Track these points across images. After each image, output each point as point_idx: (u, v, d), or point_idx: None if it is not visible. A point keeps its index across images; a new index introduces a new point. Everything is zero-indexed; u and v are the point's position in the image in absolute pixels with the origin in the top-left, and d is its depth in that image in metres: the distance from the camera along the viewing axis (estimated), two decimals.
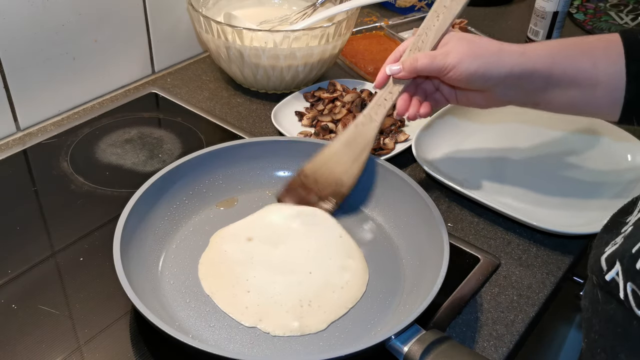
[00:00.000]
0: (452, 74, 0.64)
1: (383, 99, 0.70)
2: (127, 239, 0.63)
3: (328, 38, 0.92)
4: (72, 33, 0.89)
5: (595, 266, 0.52)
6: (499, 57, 0.64)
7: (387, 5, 1.29)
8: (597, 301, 0.52)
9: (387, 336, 0.55)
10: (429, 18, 0.69)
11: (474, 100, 0.69)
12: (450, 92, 0.71)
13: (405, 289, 0.65)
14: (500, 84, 0.64)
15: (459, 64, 0.64)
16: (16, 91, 0.86)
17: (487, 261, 0.71)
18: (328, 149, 0.72)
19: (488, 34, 1.17)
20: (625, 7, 1.35)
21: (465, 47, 0.65)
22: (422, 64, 0.66)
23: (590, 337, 0.53)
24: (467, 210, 0.79)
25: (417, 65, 0.66)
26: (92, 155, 0.85)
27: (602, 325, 0.51)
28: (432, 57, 0.65)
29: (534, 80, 0.63)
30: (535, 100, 0.66)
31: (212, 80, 1.03)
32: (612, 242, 0.52)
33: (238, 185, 0.77)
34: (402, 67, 0.67)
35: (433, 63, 0.65)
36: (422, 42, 0.69)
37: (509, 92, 0.65)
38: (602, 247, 0.53)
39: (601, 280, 0.51)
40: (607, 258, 0.51)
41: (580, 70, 0.62)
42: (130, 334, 0.61)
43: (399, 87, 0.69)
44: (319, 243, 0.69)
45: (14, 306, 0.63)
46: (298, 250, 0.68)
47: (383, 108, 0.70)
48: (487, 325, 0.64)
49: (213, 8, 1.03)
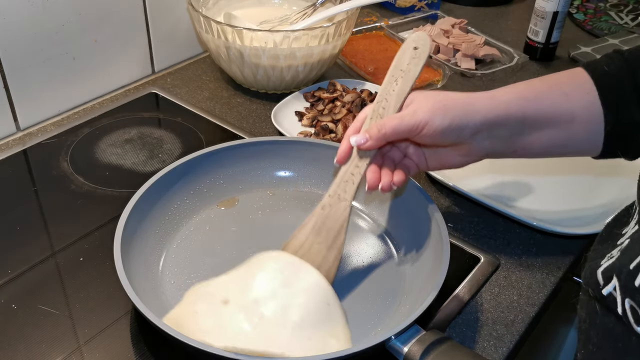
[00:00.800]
0: (426, 131, 0.59)
1: (350, 174, 0.63)
2: (128, 239, 0.63)
3: (328, 38, 0.92)
4: (72, 33, 0.89)
5: (591, 279, 0.51)
6: (471, 105, 0.60)
7: (387, 5, 1.29)
8: (595, 312, 0.51)
9: (387, 336, 0.55)
10: (387, 83, 0.65)
11: (448, 159, 0.64)
12: (419, 156, 0.65)
13: (405, 289, 0.65)
14: (475, 135, 0.60)
15: (431, 119, 0.59)
16: (16, 91, 0.86)
17: (487, 261, 0.71)
18: (293, 241, 0.64)
19: (488, 34, 1.18)
20: (625, 7, 1.35)
21: (433, 101, 0.60)
22: (391, 128, 0.60)
23: (587, 349, 0.52)
24: (467, 210, 0.79)
25: (385, 131, 0.60)
26: (92, 155, 0.85)
27: (600, 338, 0.51)
28: (399, 118, 0.60)
29: (510, 125, 0.60)
30: (514, 147, 0.62)
31: (212, 80, 1.03)
32: (608, 255, 0.51)
33: (239, 185, 0.77)
34: (368, 135, 0.61)
35: (402, 124, 0.59)
36: (383, 108, 0.63)
37: (485, 143, 0.61)
38: (597, 259, 0.52)
39: (598, 294, 0.50)
40: (603, 272, 0.50)
41: (554, 106, 0.60)
42: (130, 333, 0.61)
43: (365, 159, 0.63)
44: (300, 313, 0.58)
45: (14, 306, 0.63)
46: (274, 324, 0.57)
47: (351, 184, 0.63)
48: (487, 325, 0.64)
49: (213, 8, 1.03)
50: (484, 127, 0.60)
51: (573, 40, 1.19)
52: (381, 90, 0.65)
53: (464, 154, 0.63)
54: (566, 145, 0.62)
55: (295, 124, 0.91)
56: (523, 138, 0.61)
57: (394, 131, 0.60)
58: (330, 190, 0.64)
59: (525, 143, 0.61)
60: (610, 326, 0.49)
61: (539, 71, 1.12)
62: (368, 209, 0.75)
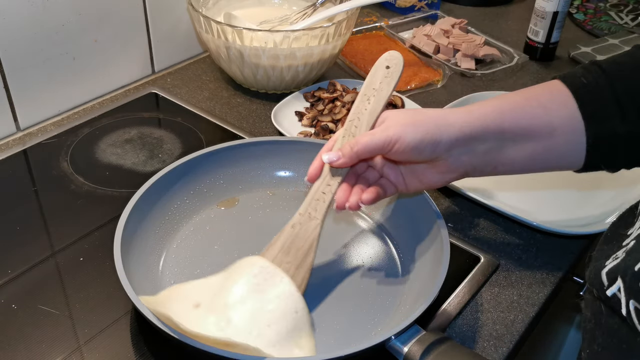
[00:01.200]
0: (398, 147, 0.58)
1: (321, 193, 0.63)
2: (128, 239, 0.63)
3: (328, 38, 0.92)
4: (72, 33, 0.89)
5: (595, 280, 0.51)
6: (444, 119, 0.59)
7: (387, 5, 1.29)
8: (601, 313, 0.51)
9: (387, 336, 0.55)
10: (359, 102, 0.65)
11: (426, 178, 0.63)
12: (397, 176, 0.64)
13: (406, 289, 0.65)
14: (451, 149, 0.59)
15: (403, 134, 0.58)
16: (16, 91, 0.86)
17: (487, 261, 0.71)
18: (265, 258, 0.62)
19: (488, 34, 1.18)
20: (625, 7, 1.35)
21: (404, 117, 0.60)
22: (363, 145, 0.59)
23: (592, 349, 0.52)
24: (467, 210, 0.79)
25: (357, 148, 0.59)
26: (92, 155, 0.85)
27: (605, 338, 0.50)
28: (371, 134, 0.59)
29: (487, 139, 0.59)
30: (494, 163, 0.61)
31: (212, 80, 1.03)
32: (612, 256, 0.51)
33: (239, 185, 0.77)
34: (340, 153, 0.60)
35: (373, 140, 0.58)
36: (355, 127, 0.63)
37: (463, 158, 0.60)
38: (602, 259, 0.52)
39: (602, 295, 0.50)
40: (608, 272, 0.50)
41: (533, 118, 0.59)
42: (130, 333, 0.61)
43: (337, 178, 0.63)
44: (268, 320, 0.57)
45: (14, 306, 0.63)
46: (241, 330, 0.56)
47: (322, 202, 0.62)
48: (487, 325, 0.64)
49: (213, 8, 1.03)
50: (460, 142, 0.59)
51: (573, 40, 1.19)
52: (353, 109, 0.65)
53: (442, 171, 0.62)
54: (548, 159, 0.61)
55: (295, 124, 0.91)
56: (502, 153, 0.60)
57: (365, 147, 0.59)
58: (301, 208, 0.63)
59: (505, 158, 0.60)
60: (615, 327, 0.49)
61: (539, 71, 1.12)
62: (368, 209, 0.75)
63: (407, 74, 1.05)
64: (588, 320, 0.53)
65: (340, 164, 0.61)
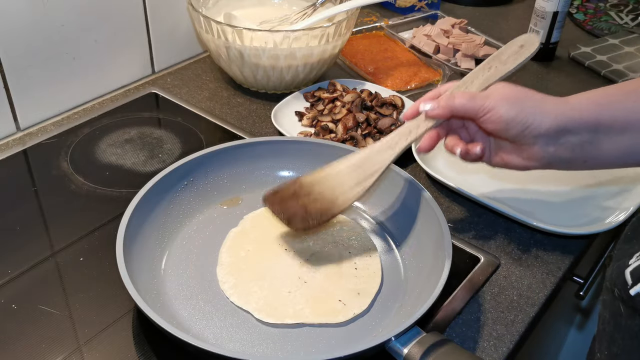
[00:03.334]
0: (489, 116, 0.60)
1: (408, 130, 0.66)
2: (130, 238, 0.63)
3: (328, 38, 0.92)
4: (72, 33, 0.89)
5: (618, 279, 0.51)
6: (542, 103, 0.59)
7: (387, 5, 1.29)
8: (620, 315, 0.50)
9: (387, 338, 0.55)
10: (480, 68, 0.67)
11: (510, 159, 0.63)
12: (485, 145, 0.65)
13: (406, 291, 0.65)
14: (540, 137, 0.59)
15: (499, 106, 0.59)
16: (16, 91, 0.86)
17: (487, 261, 0.71)
18: (333, 166, 0.68)
19: (488, 34, 1.18)
20: (625, 7, 1.35)
21: (509, 91, 0.60)
22: (460, 102, 0.61)
23: (611, 351, 0.51)
24: (467, 210, 0.79)
25: (454, 103, 0.62)
26: (92, 155, 0.85)
27: (626, 341, 0.50)
28: (470, 96, 0.61)
29: (580, 132, 0.58)
30: (583, 156, 0.60)
31: (212, 80, 1.03)
32: (636, 255, 0.51)
33: (242, 185, 0.77)
34: (436, 104, 0.63)
35: (470, 102, 0.61)
36: (466, 87, 0.66)
37: (550, 149, 0.60)
38: (625, 258, 0.51)
39: (624, 294, 0.50)
40: (632, 271, 0.49)
41: (632, 112, 0.57)
42: (132, 333, 0.61)
43: (428, 123, 0.65)
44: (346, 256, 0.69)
45: (14, 306, 0.63)
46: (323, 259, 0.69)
47: (405, 140, 0.65)
48: (487, 325, 0.64)
49: (213, 8, 1.03)
50: (551, 132, 0.59)
51: (573, 40, 1.19)
52: (471, 72, 0.67)
53: (526, 157, 0.62)
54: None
55: (295, 124, 0.91)
56: (593, 146, 0.59)
57: (461, 106, 0.61)
58: (385, 138, 0.67)
59: (596, 151, 0.59)
60: (636, 329, 0.49)
61: (538, 71, 1.12)
62: (369, 209, 0.75)
63: (407, 74, 1.05)
64: (607, 322, 0.53)
65: (434, 114, 0.64)
